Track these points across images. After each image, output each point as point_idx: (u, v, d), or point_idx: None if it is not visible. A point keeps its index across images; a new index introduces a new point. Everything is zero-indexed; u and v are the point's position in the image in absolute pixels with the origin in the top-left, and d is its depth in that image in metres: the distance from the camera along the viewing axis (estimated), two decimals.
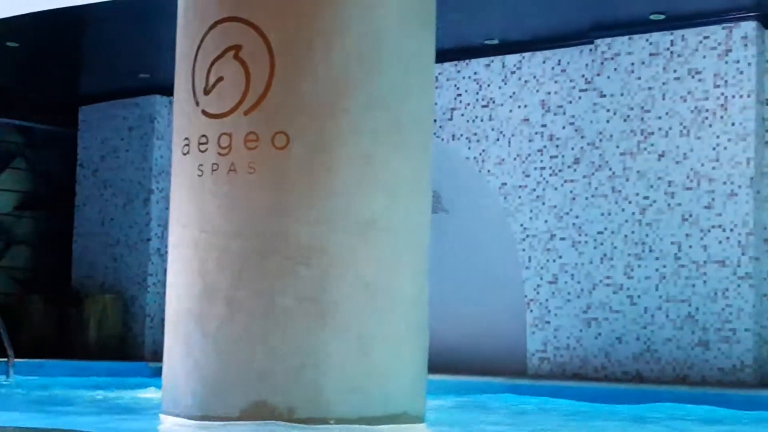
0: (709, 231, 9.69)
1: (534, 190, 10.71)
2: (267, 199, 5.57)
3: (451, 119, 11.21)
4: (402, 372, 5.67)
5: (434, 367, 7.95)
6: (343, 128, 5.59)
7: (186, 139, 5.80)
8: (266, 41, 5.60)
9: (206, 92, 5.72)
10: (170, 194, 5.95)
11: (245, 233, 5.57)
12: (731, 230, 9.60)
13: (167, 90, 11.60)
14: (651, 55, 10.07)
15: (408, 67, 5.78)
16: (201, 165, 5.70)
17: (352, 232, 5.57)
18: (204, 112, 5.72)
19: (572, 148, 10.56)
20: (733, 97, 9.70)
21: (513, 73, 10.92)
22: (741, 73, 9.68)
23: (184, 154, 5.80)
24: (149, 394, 8.05)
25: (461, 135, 11.14)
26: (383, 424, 5.48)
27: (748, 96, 9.64)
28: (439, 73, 11.21)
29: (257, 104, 5.58)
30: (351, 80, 5.61)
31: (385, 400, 5.58)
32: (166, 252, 9.97)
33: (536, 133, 10.75)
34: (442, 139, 11.20)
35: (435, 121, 11.18)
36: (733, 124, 9.68)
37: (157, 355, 5.90)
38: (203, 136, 5.70)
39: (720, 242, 9.64)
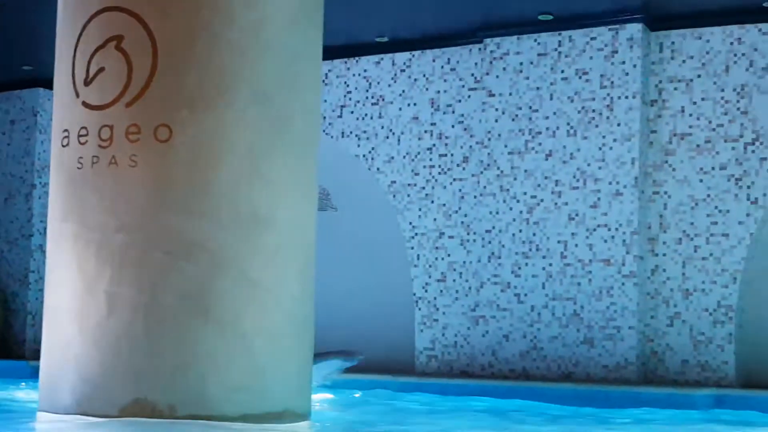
0: (594, 230, 9.81)
1: (423, 188, 10.72)
2: (149, 193, 5.45)
3: (340, 116, 11.17)
4: (286, 370, 5.60)
5: None
6: (227, 122, 5.50)
7: (65, 131, 5.66)
8: (149, 32, 5.48)
9: (87, 83, 5.58)
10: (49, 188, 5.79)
11: (126, 228, 5.45)
12: (616, 229, 9.73)
13: (51, 83, 11.32)
14: (539, 55, 10.16)
15: (294, 62, 5.71)
16: (81, 158, 5.56)
17: (235, 228, 5.48)
18: (84, 104, 5.58)
19: (461, 147, 10.59)
20: (619, 98, 9.82)
21: (403, 71, 10.92)
22: (627, 74, 9.81)
23: (64, 147, 5.66)
24: (27, 393, 7.85)
25: (351, 132, 11.10)
26: (267, 422, 5.41)
27: (634, 97, 9.77)
28: (329, 70, 11.16)
29: (139, 96, 5.46)
30: (235, 73, 5.52)
31: (268, 398, 5.50)
32: None
33: (425, 131, 10.76)
34: (332, 137, 11.15)
35: (325, 118, 11.12)
36: (618, 125, 9.81)
37: (38, 354, 5.76)
38: (83, 128, 5.56)
39: (605, 241, 9.76)
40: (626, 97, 9.80)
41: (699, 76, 9.76)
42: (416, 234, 10.71)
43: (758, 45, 9.57)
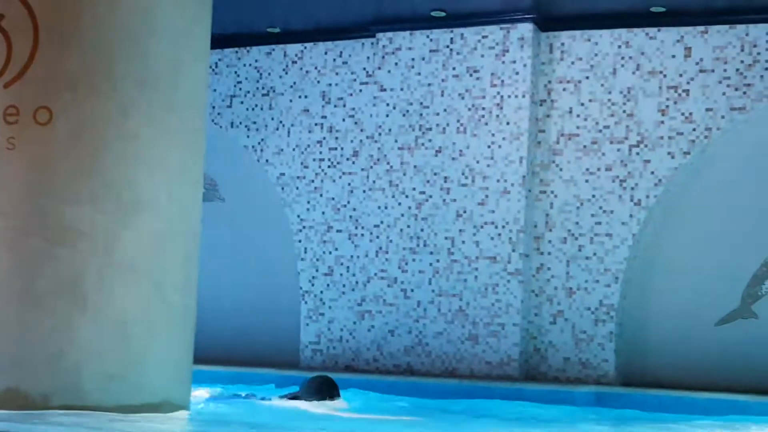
0: (482, 227, 9.86)
1: (312, 181, 10.66)
2: (27, 177, 5.31)
3: (230, 106, 11.05)
4: (165, 360, 5.50)
5: (204, 357, 7.81)
6: (110, 106, 5.39)
7: None
8: (30, 12, 5.34)
9: None
10: None
11: (3, 212, 5.30)
12: (503, 227, 9.79)
13: None
14: (431, 51, 10.17)
15: (180, 48, 5.61)
16: None
17: (116, 215, 5.37)
18: None
19: (351, 141, 10.56)
20: (509, 96, 9.89)
21: (294, 62, 10.84)
22: (517, 73, 9.89)
23: None
24: None
25: (240, 123, 10.99)
26: (143, 412, 5.30)
27: (523, 96, 9.85)
28: (219, 60, 11.03)
29: (19, 77, 5.32)
30: (119, 57, 5.40)
31: (145, 389, 5.40)
32: None
33: (316, 124, 10.71)
34: (221, 127, 11.02)
35: (214, 107, 10.99)
36: (508, 123, 9.88)
37: None
38: None
39: (492, 238, 9.82)
40: (516, 96, 9.87)
41: (587, 77, 9.88)
42: (304, 227, 10.65)
43: (645, 49, 9.72)
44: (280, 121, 10.84)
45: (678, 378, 9.35)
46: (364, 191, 10.41)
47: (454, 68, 10.10)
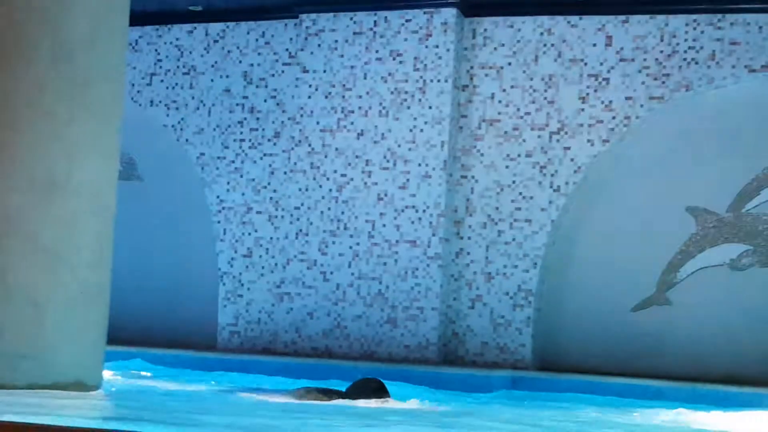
0: (402, 211, 9.86)
1: (233, 161, 10.58)
2: None
3: (150, 84, 10.91)
4: (77, 340, 5.42)
5: (120, 337, 7.72)
6: (24, 82, 5.27)
7: None
8: None
9: None
10: None
11: None
12: (424, 211, 9.81)
13: None
14: (355, 34, 10.14)
15: (98, 23, 5.51)
16: None
17: (30, 193, 5.27)
18: None
19: (273, 122, 10.50)
20: (432, 81, 9.90)
21: (216, 42, 10.74)
22: (440, 58, 9.89)
23: None
24: None
25: (160, 102, 10.86)
26: (56, 391, 5.22)
27: (446, 81, 9.86)
28: (140, 37, 10.89)
29: None
30: (35, 32, 5.29)
31: (57, 368, 5.32)
32: None
33: (237, 104, 10.62)
34: (140, 105, 10.88)
35: (133, 85, 10.85)
36: (430, 108, 9.88)
37: None
38: None
39: (412, 222, 9.83)
40: (438, 81, 9.88)
41: (509, 64, 9.92)
42: (224, 208, 10.57)
43: (566, 37, 9.78)
44: (201, 101, 10.73)
45: (593, 363, 9.46)
46: (285, 173, 10.36)
47: (377, 51, 10.07)
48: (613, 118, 9.63)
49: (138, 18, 10.56)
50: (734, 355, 9.29)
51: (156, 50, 10.93)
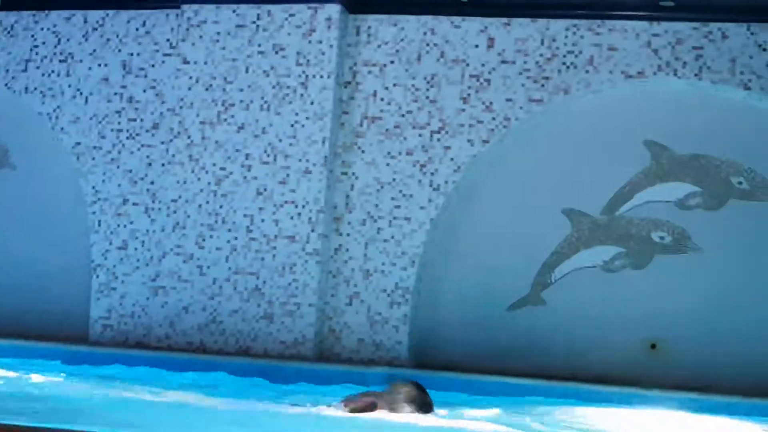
0: (282, 206, 9.81)
1: (109, 152, 10.38)
2: None
3: (25, 71, 10.64)
4: None
5: None
6: None
7: None
8: None
9: None
10: None
11: None
12: (303, 207, 9.77)
13: None
14: (237, 26, 10.05)
15: None
16: None
17: None
18: None
19: (152, 113, 10.33)
20: (314, 77, 9.87)
21: (95, 29, 10.52)
22: (323, 54, 9.87)
23: None
24: None
25: (35, 89, 10.60)
26: None
27: (328, 77, 9.84)
28: (15, 21, 10.61)
29: None
30: None
31: None
32: None
33: (115, 93, 10.43)
34: (14, 91, 10.61)
35: (7, 71, 10.57)
36: (312, 104, 9.85)
37: None
38: None
39: (291, 218, 9.79)
40: (321, 77, 9.85)
41: (392, 62, 9.95)
42: (99, 199, 10.36)
43: (449, 37, 9.85)
44: (78, 89, 10.50)
45: (469, 361, 9.55)
46: (162, 165, 10.21)
47: (259, 45, 10.00)
48: (493, 119, 9.74)
49: (14, 2, 10.32)
50: (605, 354, 9.49)
51: (32, 36, 10.66)
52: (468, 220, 9.86)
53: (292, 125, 9.87)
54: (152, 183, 10.26)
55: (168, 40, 10.36)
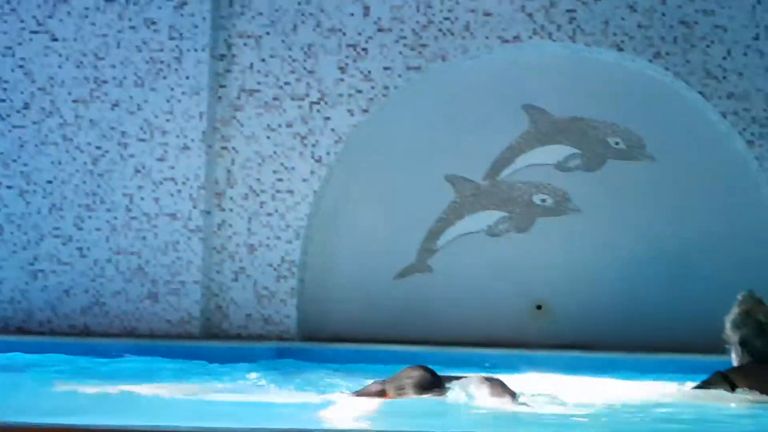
0: (161, 183, 9.65)
1: None
2: None
3: None
4: None
5: None
6: None
7: None
8: None
9: None
10: None
11: None
12: (183, 183, 9.63)
13: None
14: (106, 1, 9.80)
15: None
16: None
17: None
18: None
19: (21, 93, 10.01)
20: (188, 50, 9.70)
21: None
22: (196, 27, 9.70)
23: None
24: None
25: None
26: None
27: (203, 50, 9.68)
28: None
29: None
30: None
31: None
32: None
33: None
34: None
35: None
36: (187, 78, 9.69)
37: None
38: None
39: (172, 195, 9.64)
40: (195, 50, 9.70)
41: (268, 33, 9.82)
42: None
43: (324, 6, 9.76)
44: None
45: (358, 331, 9.57)
46: (35, 146, 9.93)
47: (130, 19, 9.78)
48: (372, 88, 9.71)
49: None
50: (492, 318, 9.60)
51: None
52: (352, 190, 9.84)
53: (168, 101, 9.70)
54: (26, 165, 9.96)
55: (34, 17, 10.03)
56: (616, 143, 9.71)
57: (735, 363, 5.87)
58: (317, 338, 9.58)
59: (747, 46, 9.49)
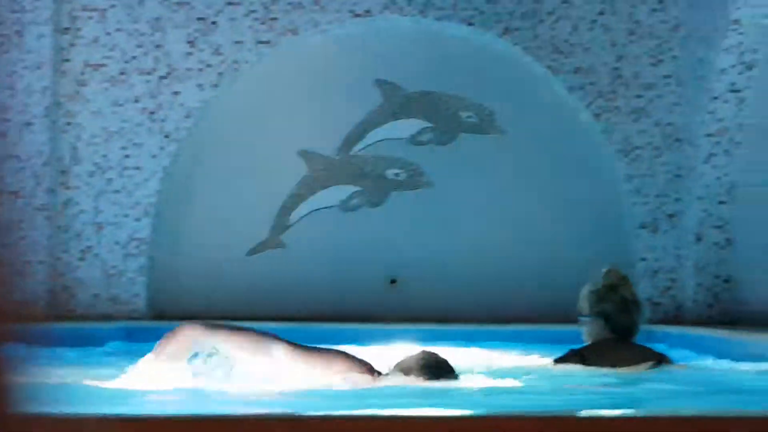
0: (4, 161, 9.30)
1: None
2: None
3: None
4: None
5: None
6: None
7: None
8: None
9: None
10: None
11: None
12: (27, 161, 9.31)
13: None
14: None
15: None
16: None
17: None
18: None
19: None
20: (30, 24, 9.37)
21: None
22: (38, 0, 9.39)
23: None
24: None
25: None
26: None
27: (45, 24, 9.37)
28: None
29: None
30: None
31: None
32: None
33: None
34: None
35: None
36: (29, 52, 9.37)
37: None
38: None
39: (15, 173, 9.30)
40: (37, 24, 9.37)
41: (113, 6, 9.56)
42: None
43: None
44: None
45: (211, 309, 9.36)
46: None
47: None
48: (222, 62, 9.55)
49: None
50: (347, 292, 9.55)
51: None
52: (203, 166, 9.66)
53: (10, 76, 9.36)
54: None
55: None
56: (468, 117, 9.76)
57: (587, 336, 5.88)
58: (169, 317, 9.37)
59: (593, 21, 9.62)
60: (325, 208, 9.69)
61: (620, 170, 9.60)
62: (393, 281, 9.63)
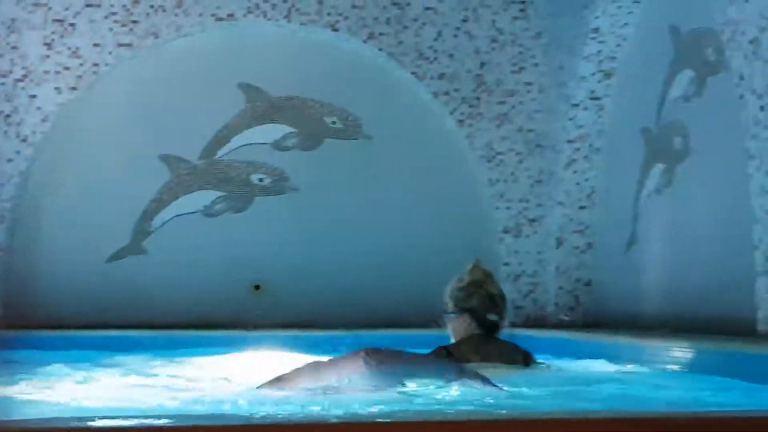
0: None
1: None
2: None
3: None
4: None
5: None
6: None
7: None
8: None
9: None
10: None
11: None
12: None
13: None
14: None
15: None
16: None
17: None
18: None
19: None
20: None
21: None
22: None
23: None
24: None
25: None
26: None
27: None
28: None
29: None
30: None
31: None
32: None
33: None
34: None
35: None
36: None
37: None
38: None
39: None
40: None
41: None
42: None
43: None
44: None
45: (70, 317, 9.15)
46: None
47: None
48: (81, 65, 9.33)
49: None
50: (210, 299, 9.43)
51: None
52: (62, 170, 9.43)
53: None
54: None
55: None
56: (333, 122, 9.73)
57: (453, 333, 5.85)
58: (25, 326, 9.09)
59: (457, 28, 9.69)
60: (188, 213, 9.55)
61: (483, 175, 9.69)
62: (257, 287, 9.53)
